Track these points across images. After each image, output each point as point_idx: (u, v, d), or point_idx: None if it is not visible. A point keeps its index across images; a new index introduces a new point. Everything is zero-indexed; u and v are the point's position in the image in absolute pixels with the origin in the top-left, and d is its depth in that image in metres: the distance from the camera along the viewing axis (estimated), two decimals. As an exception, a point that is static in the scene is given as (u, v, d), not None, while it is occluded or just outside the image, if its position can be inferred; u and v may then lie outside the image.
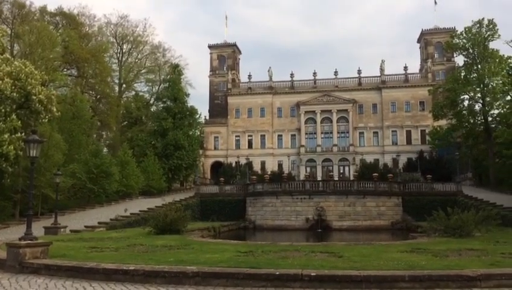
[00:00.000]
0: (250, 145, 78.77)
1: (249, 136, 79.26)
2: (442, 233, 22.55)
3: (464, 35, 51.41)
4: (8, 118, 30.29)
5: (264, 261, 12.58)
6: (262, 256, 14.06)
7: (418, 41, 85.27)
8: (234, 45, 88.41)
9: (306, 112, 76.93)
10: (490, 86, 49.48)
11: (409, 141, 73.26)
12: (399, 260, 12.70)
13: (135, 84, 75.37)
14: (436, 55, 79.56)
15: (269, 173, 63.17)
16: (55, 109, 34.03)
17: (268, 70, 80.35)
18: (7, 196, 34.62)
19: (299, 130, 77.05)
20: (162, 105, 65.48)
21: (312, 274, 10.32)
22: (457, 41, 52.44)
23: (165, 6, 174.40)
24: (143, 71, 74.65)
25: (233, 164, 73.02)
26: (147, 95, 75.56)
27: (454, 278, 10.16)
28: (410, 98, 74.46)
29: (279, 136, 78.73)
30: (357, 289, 10.04)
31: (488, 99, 49.45)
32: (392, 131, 74.62)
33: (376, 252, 15.20)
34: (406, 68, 76.33)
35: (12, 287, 10.46)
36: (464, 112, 52.77)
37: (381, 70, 76.78)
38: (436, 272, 10.60)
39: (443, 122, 58.26)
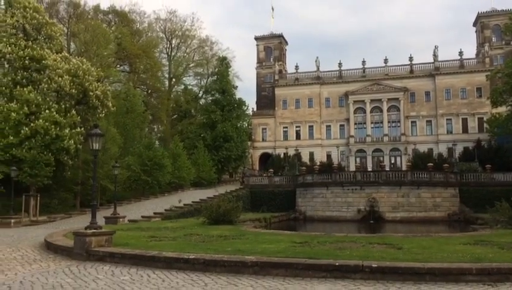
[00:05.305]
0: (298, 137, 78.35)
1: (296, 127, 78.80)
2: (506, 225, 21.48)
3: (526, 16, 48.35)
4: (68, 114, 31.91)
5: (321, 252, 12.46)
6: (318, 247, 13.95)
7: (474, 24, 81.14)
8: (281, 36, 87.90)
9: (355, 101, 75.45)
10: (555, 69, 46.37)
11: (465, 130, 70.18)
12: (463, 253, 12.20)
13: (184, 78, 76.98)
14: (493, 39, 75.45)
15: (318, 164, 62.60)
16: (110, 104, 35.48)
17: (316, 61, 79.43)
18: (68, 187, 36.55)
19: (347, 120, 75.71)
20: (210, 98, 66.36)
21: (373, 266, 10.11)
22: (518, 23, 49.36)
23: (211, 0, 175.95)
24: (191, 65, 75.94)
25: (282, 155, 72.96)
26: (195, 89, 77.00)
27: (526, 272, 9.62)
28: (466, 85, 71.15)
29: (328, 126, 77.72)
30: (420, 281, 9.71)
31: (552, 83, 46.42)
32: (447, 119, 71.74)
33: (437, 244, 14.69)
34: (461, 53, 72.88)
35: (82, 274, 10.97)
36: (525, 97, 49.78)
37: (435, 56, 73.81)
38: (505, 265, 10.08)
39: (502, 109, 55.22)
